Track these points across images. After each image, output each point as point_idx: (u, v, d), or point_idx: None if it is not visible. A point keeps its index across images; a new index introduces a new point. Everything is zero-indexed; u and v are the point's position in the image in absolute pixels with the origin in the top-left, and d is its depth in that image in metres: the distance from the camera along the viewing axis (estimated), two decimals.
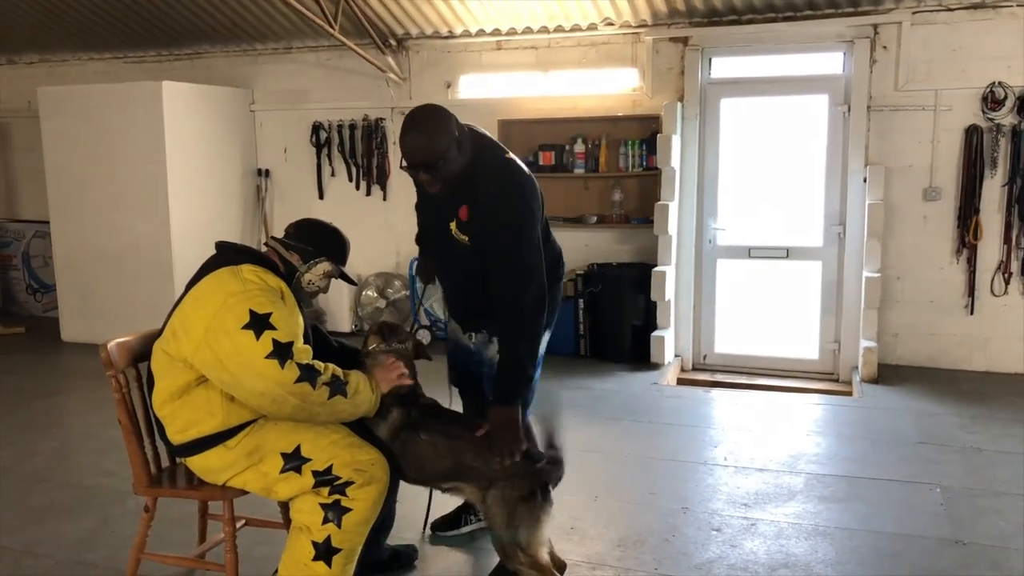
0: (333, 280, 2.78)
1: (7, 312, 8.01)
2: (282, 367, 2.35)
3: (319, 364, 2.45)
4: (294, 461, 2.46)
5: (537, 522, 2.51)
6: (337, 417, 2.52)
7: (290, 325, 2.44)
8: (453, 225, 2.77)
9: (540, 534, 2.54)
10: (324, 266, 2.66)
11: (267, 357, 2.34)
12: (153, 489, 2.66)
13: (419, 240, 3.18)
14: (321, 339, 2.83)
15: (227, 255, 2.56)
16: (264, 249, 2.69)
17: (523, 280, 2.66)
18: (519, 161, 2.83)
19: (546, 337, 2.97)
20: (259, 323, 2.37)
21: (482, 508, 2.61)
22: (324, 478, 2.45)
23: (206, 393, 2.46)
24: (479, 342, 3.00)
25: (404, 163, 2.71)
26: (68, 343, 6.84)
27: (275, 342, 2.36)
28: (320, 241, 2.67)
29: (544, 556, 2.56)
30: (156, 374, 2.54)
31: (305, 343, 2.53)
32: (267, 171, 7.34)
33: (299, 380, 2.37)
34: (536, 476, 2.54)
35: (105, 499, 3.71)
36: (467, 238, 2.76)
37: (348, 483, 2.45)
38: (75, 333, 6.84)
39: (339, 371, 2.50)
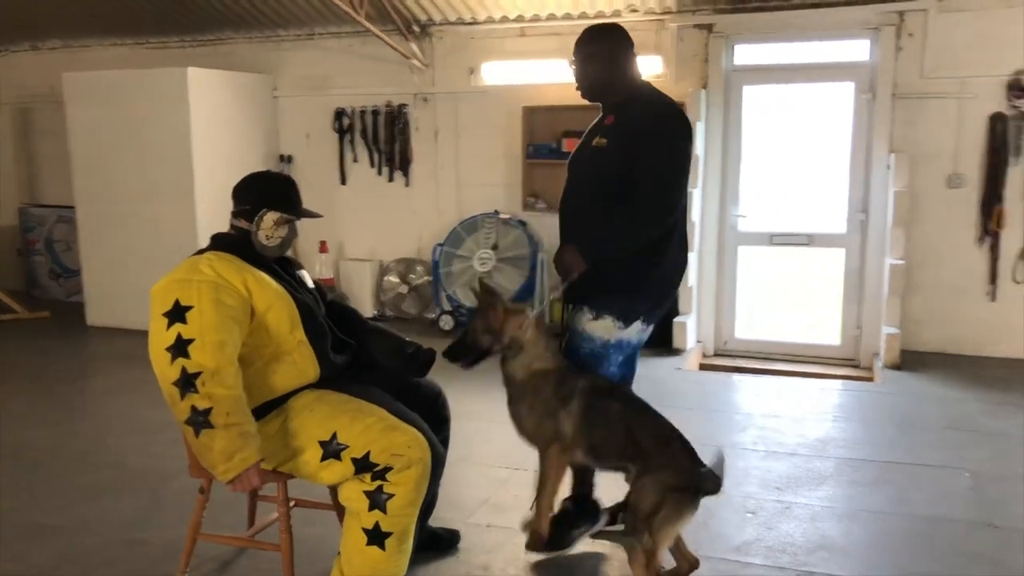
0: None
1: (31, 296, 8.06)
2: (171, 363, 2.35)
3: (213, 392, 2.33)
4: (332, 448, 2.50)
5: (677, 515, 2.58)
6: (188, 441, 2.42)
7: (207, 324, 2.37)
8: (598, 138, 2.87)
9: (674, 528, 2.62)
10: (271, 216, 2.63)
11: (166, 349, 2.37)
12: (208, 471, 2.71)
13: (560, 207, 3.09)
14: (348, 314, 2.92)
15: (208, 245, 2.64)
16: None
17: (654, 194, 2.74)
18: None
19: (647, 330, 2.97)
20: (176, 314, 2.39)
21: (634, 486, 2.66)
22: (363, 464, 2.49)
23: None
24: (573, 314, 2.96)
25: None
26: (94, 327, 6.91)
27: (178, 336, 2.36)
28: (257, 194, 2.66)
29: (662, 553, 2.62)
30: None
31: (308, 319, 2.56)
32: (290, 157, 7.37)
33: (175, 383, 2.35)
34: (694, 475, 2.61)
35: (152, 480, 3.78)
36: (606, 140, 2.84)
37: (387, 468, 2.49)
38: (101, 318, 6.91)
39: (237, 413, 2.37)
